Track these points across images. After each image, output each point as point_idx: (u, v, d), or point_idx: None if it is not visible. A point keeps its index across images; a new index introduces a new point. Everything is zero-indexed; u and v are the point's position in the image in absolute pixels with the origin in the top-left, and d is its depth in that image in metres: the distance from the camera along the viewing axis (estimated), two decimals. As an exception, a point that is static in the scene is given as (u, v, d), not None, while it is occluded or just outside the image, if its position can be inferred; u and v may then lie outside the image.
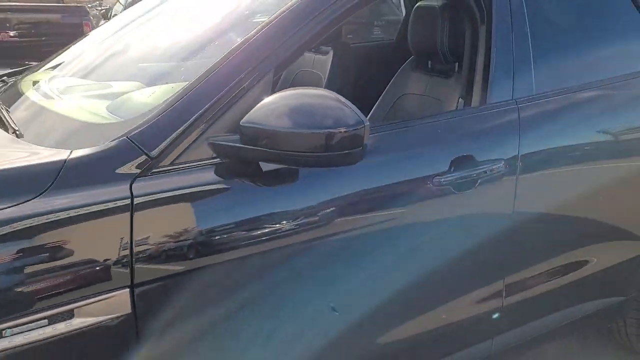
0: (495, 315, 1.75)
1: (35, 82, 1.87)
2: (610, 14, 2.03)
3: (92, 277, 1.11)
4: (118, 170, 1.17)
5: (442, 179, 1.50)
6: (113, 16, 11.01)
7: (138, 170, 1.19)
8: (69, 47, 2.25)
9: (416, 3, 2.11)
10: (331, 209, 1.37)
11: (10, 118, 1.49)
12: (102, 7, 13.92)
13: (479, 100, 1.67)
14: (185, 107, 1.27)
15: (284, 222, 1.30)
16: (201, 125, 1.27)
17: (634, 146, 1.93)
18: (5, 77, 2.21)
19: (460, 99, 1.78)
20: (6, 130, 1.42)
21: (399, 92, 2.23)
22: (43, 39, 6.19)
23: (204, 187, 1.24)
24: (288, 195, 1.33)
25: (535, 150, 1.67)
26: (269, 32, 1.39)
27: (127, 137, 1.22)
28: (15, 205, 1.07)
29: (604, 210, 1.93)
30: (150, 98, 1.48)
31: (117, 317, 1.13)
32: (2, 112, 1.54)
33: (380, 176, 1.45)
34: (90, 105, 1.59)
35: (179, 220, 1.20)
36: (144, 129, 1.23)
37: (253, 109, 1.23)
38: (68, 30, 6.28)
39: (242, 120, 1.22)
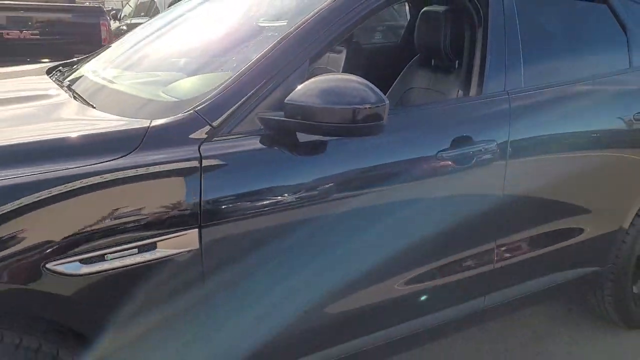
0: (488, 275, 2.06)
1: (94, 71, 2.18)
2: (590, 21, 2.36)
3: (170, 218, 1.41)
4: (190, 136, 1.48)
5: (444, 154, 1.81)
6: (123, 17, 11.33)
7: (204, 136, 1.49)
8: (117, 41, 2.56)
9: (420, 9, 2.43)
10: (354, 175, 1.68)
11: (85, 96, 1.80)
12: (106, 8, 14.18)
13: (476, 92, 1.99)
14: (239, 88, 1.57)
15: (314, 182, 1.61)
16: (252, 103, 1.57)
17: (607, 134, 2.25)
18: (60, 67, 2.52)
19: (459, 91, 2.09)
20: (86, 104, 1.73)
21: (405, 86, 2.54)
22: (62, 37, 6.49)
23: (252, 152, 1.54)
24: (319, 161, 1.63)
25: (523, 134, 1.99)
26: (304, 30, 1.70)
27: (195, 110, 1.53)
28: (113, 159, 1.37)
29: (581, 189, 2.25)
30: (198, 84, 1.80)
31: (188, 251, 1.43)
32: (76, 92, 1.85)
33: (394, 151, 1.76)
34: (146, 88, 1.91)
35: (234, 177, 1.51)
36: (208, 105, 1.54)
37: (294, 90, 1.53)
38: (85, 30, 6.60)
39: (286, 99, 1.52)
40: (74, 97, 1.85)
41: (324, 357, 1.76)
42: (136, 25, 9.21)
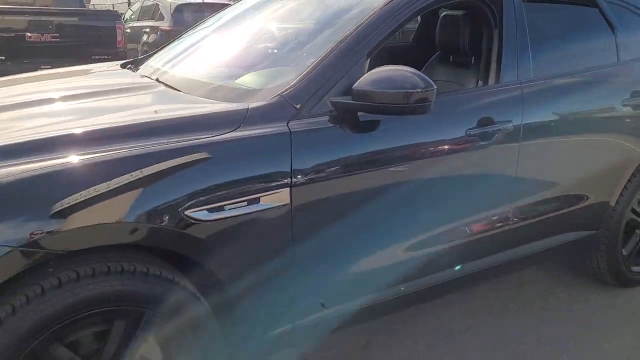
0: (505, 234, 2.48)
1: (172, 65, 2.58)
2: (585, 22, 2.80)
3: (269, 179, 1.80)
4: (280, 115, 1.88)
5: (471, 132, 2.23)
6: (125, 20, 11.64)
7: (290, 115, 1.89)
8: (177, 40, 2.96)
9: (434, 14, 2.84)
10: (401, 146, 2.09)
11: (179, 86, 2.20)
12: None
13: (494, 81, 2.41)
14: (314, 79, 1.97)
15: (371, 152, 2.01)
16: (324, 90, 1.97)
17: (600, 118, 2.70)
18: (130, 65, 2.90)
19: (479, 81, 2.51)
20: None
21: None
22: (80, 39, 6.83)
23: (325, 128, 1.94)
24: (376, 136, 2.03)
25: (534, 116, 2.42)
26: (361, 31, 2.10)
27: (282, 96, 1.93)
28: (216, 137, 1.76)
29: (580, 164, 2.69)
30: (261, 78, 2.21)
31: (283, 205, 1.83)
32: (168, 84, 2.25)
33: (432, 129, 2.17)
34: (223, 79, 2.31)
35: (313, 148, 1.90)
36: (291, 92, 1.94)
37: (359, 79, 1.93)
38: (102, 33, 6.96)
39: (353, 86, 1.92)
40: (171, 87, 2.24)
41: (382, 296, 2.17)
42: (141, 27, 9.57)
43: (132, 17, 10.78)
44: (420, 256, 2.23)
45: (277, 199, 1.82)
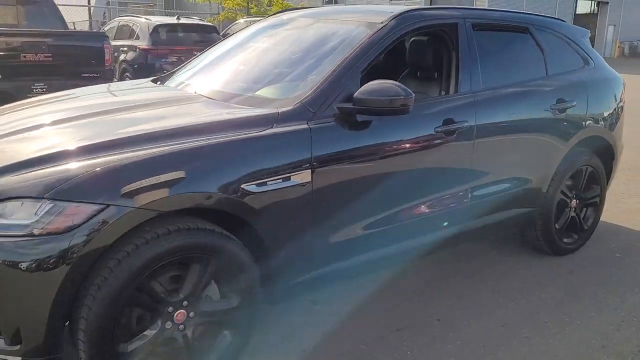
0: (464, 208, 3.22)
1: (201, 80, 3.24)
2: (520, 44, 3.60)
3: (296, 163, 2.48)
4: (302, 117, 2.56)
5: (438, 129, 2.97)
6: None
7: (308, 117, 2.58)
8: (199, 58, 3.62)
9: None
10: (387, 139, 2.80)
11: (216, 97, 2.86)
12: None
13: (454, 91, 3.16)
14: (324, 90, 2.66)
15: (367, 144, 2.72)
16: (332, 98, 2.67)
17: (534, 119, 3.49)
18: (159, 80, 3.54)
19: (442, 91, 3.26)
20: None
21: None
22: (71, 59, 7.34)
23: (332, 126, 2.63)
24: (367, 132, 2.72)
25: (484, 118, 3.17)
26: (355, 55, 2.81)
27: (301, 102, 2.62)
28: (258, 133, 2.44)
29: (520, 155, 3.46)
30: (276, 90, 2.90)
31: (306, 182, 2.50)
32: (207, 95, 2.91)
33: (410, 127, 2.89)
34: (247, 92, 2.98)
35: (325, 141, 2.58)
36: (309, 100, 2.62)
37: (358, 90, 2.63)
38: (91, 52, 7.50)
39: (354, 95, 2.62)
40: (209, 98, 2.90)
41: (393, 250, 2.89)
42: (119, 46, 10.07)
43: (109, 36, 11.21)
44: (403, 224, 2.95)
45: (302, 177, 2.50)
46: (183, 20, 10.63)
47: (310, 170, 2.52)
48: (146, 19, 10.29)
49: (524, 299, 3.33)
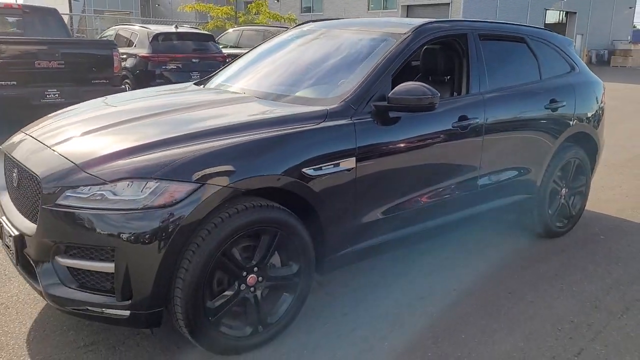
0: (474, 194, 3.73)
1: (243, 82, 3.69)
2: (518, 52, 4.14)
3: (349, 151, 2.93)
4: (346, 113, 3.03)
5: (454, 124, 3.47)
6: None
7: (351, 114, 3.05)
8: (234, 63, 4.06)
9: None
10: (415, 133, 3.29)
11: (263, 97, 3.32)
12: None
13: (465, 92, 3.67)
14: (362, 91, 3.13)
15: (398, 137, 3.20)
16: (369, 97, 3.14)
17: (531, 118, 4.02)
18: (202, 84, 3.98)
19: (454, 92, 3.77)
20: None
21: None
22: (82, 65, 7.69)
23: (370, 121, 3.10)
24: (398, 126, 3.20)
25: (491, 115, 3.69)
26: (386, 60, 3.30)
27: (345, 101, 3.09)
28: (314, 126, 2.90)
29: (521, 148, 3.98)
30: (314, 92, 3.36)
31: (351, 167, 2.97)
32: (255, 96, 3.36)
33: (432, 122, 3.39)
34: (290, 94, 3.43)
35: (365, 133, 3.05)
36: (351, 99, 3.08)
37: (392, 91, 3.11)
38: (101, 59, 7.85)
39: (389, 94, 3.10)
40: (261, 98, 3.35)
41: (418, 229, 3.37)
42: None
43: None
44: (428, 204, 3.43)
45: (349, 163, 2.97)
46: (181, 29, 11.02)
47: (355, 158, 2.99)
48: (145, 27, 10.65)
49: (525, 271, 3.84)
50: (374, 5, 38.81)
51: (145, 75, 9.67)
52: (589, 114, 4.56)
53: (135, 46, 10.09)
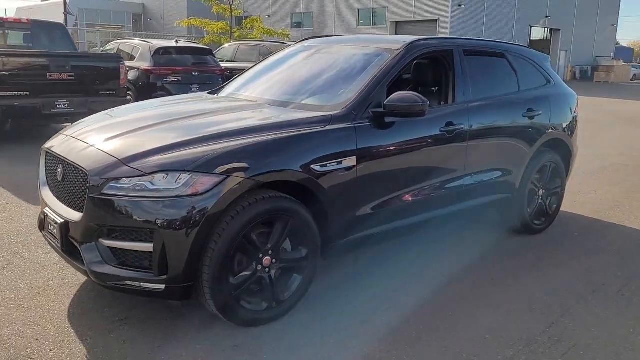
0: (459, 191, 4.18)
1: (251, 91, 4.14)
2: (498, 66, 4.63)
3: (346, 151, 3.37)
4: (348, 118, 3.48)
5: (441, 129, 3.94)
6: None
7: (352, 118, 3.50)
8: (245, 74, 4.51)
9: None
10: (408, 136, 3.75)
11: (274, 104, 3.77)
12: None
13: (452, 101, 4.14)
14: (361, 99, 3.59)
15: (393, 140, 3.65)
16: (367, 104, 3.60)
17: (510, 125, 4.50)
18: (216, 93, 4.43)
19: (441, 102, 4.24)
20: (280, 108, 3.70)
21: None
22: (90, 77, 8.11)
23: (367, 126, 3.55)
24: (393, 130, 3.65)
25: (474, 122, 4.16)
26: (381, 72, 3.76)
27: (347, 107, 3.54)
28: (321, 129, 3.34)
29: (501, 153, 4.46)
30: (318, 100, 3.81)
31: (352, 165, 3.40)
32: (267, 103, 3.81)
33: (423, 127, 3.84)
34: (295, 102, 3.88)
35: (363, 136, 3.49)
36: (352, 105, 3.53)
37: (387, 99, 3.57)
38: (108, 72, 8.28)
39: (384, 102, 3.56)
40: (271, 105, 3.80)
41: (409, 222, 3.80)
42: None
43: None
44: (418, 200, 3.88)
45: (350, 161, 3.40)
46: (181, 44, 11.48)
47: (355, 157, 3.43)
48: (146, 42, 11.10)
49: (506, 262, 4.29)
50: (364, 22, 39.65)
51: (147, 88, 10.09)
52: (563, 123, 5.05)
53: (137, 60, 10.51)
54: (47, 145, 3.59)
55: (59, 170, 3.29)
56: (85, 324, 3.17)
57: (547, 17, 41.98)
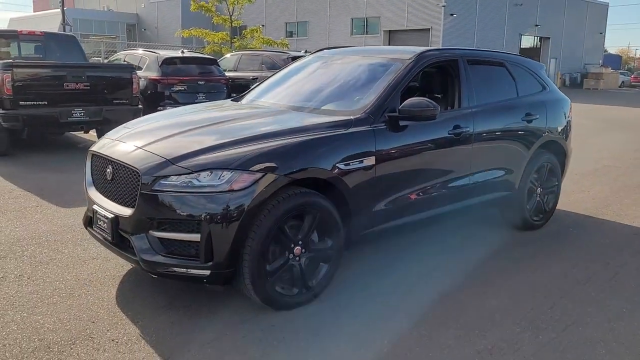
0: (467, 188, 4.56)
1: (272, 98, 4.51)
2: (498, 74, 5.03)
3: (365, 152, 3.74)
4: (367, 122, 3.85)
5: (449, 132, 4.32)
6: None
7: (371, 122, 3.87)
8: (267, 82, 4.89)
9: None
10: (422, 138, 4.13)
11: (293, 109, 4.14)
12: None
13: (458, 106, 4.53)
14: (378, 104, 3.97)
15: (407, 142, 4.03)
16: (383, 109, 3.97)
17: (510, 128, 4.90)
18: (236, 100, 4.80)
19: (448, 107, 4.63)
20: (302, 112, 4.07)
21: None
22: (105, 87, 8.45)
23: (384, 129, 3.92)
24: (406, 133, 4.03)
25: (478, 125, 4.55)
26: (395, 80, 4.15)
27: (366, 112, 3.92)
28: (344, 131, 3.71)
29: (504, 154, 4.85)
30: (335, 106, 4.19)
31: (372, 164, 3.77)
32: (288, 108, 4.19)
33: (433, 130, 4.23)
34: (317, 108, 4.26)
35: (381, 138, 3.87)
36: (371, 110, 3.90)
37: (402, 104, 3.95)
38: (121, 81, 8.62)
39: (399, 107, 3.94)
40: (296, 110, 4.17)
41: (422, 217, 4.17)
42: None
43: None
44: (429, 197, 4.26)
45: (370, 161, 3.77)
46: (187, 54, 11.85)
47: (374, 157, 3.80)
48: (154, 52, 11.46)
49: (509, 254, 4.67)
50: (357, 31, 40.20)
51: (155, 96, 10.43)
52: (559, 126, 5.45)
53: (144, 70, 10.86)
54: (94, 148, 3.93)
55: (109, 170, 3.63)
56: (133, 309, 3.50)
57: (536, 25, 42.73)
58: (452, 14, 35.67)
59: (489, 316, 3.52)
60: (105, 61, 14.21)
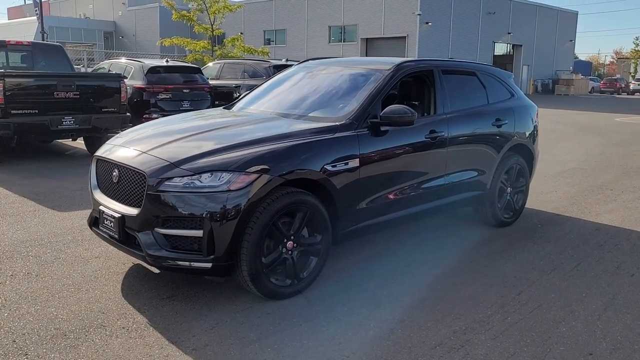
0: (441, 189, 4.96)
1: (263, 105, 4.87)
2: (470, 83, 5.45)
3: (350, 155, 4.10)
4: (351, 127, 4.22)
5: (426, 136, 4.72)
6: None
7: (354, 128, 4.24)
8: (256, 91, 5.24)
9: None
10: (400, 142, 4.51)
11: (282, 115, 4.50)
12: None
13: (433, 112, 4.93)
14: (361, 111, 4.35)
15: (387, 146, 4.41)
16: (365, 116, 4.35)
17: (481, 133, 5.32)
18: (227, 107, 5.14)
19: (425, 113, 5.03)
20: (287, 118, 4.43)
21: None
22: (93, 95, 8.69)
23: (367, 134, 4.30)
24: (388, 137, 4.42)
25: (452, 130, 4.95)
26: (376, 89, 4.53)
27: (350, 118, 4.29)
28: (331, 136, 4.08)
29: (475, 156, 5.26)
30: (321, 114, 4.56)
31: (356, 166, 4.12)
32: (277, 115, 4.54)
33: (410, 135, 4.62)
34: (304, 115, 4.62)
35: (364, 142, 4.24)
36: (354, 116, 4.27)
37: (383, 110, 4.33)
38: (110, 90, 8.88)
39: (380, 114, 4.32)
40: (284, 117, 4.52)
41: (401, 214, 4.55)
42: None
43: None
44: (408, 196, 4.64)
45: (354, 163, 4.13)
46: (172, 63, 12.13)
47: (358, 159, 4.17)
48: (139, 61, 11.72)
49: (481, 248, 5.08)
50: (335, 38, 40.73)
51: (140, 105, 10.68)
52: (526, 131, 5.90)
53: (129, 78, 11.11)
54: (99, 153, 4.24)
55: (115, 173, 3.94)
56: (139, 301, 3.81)
57: (509, 33, 43.75)
58: (427, 23, 36.42)
59: (463, 303, 3.90)
60: (90, 70, 14.39)
